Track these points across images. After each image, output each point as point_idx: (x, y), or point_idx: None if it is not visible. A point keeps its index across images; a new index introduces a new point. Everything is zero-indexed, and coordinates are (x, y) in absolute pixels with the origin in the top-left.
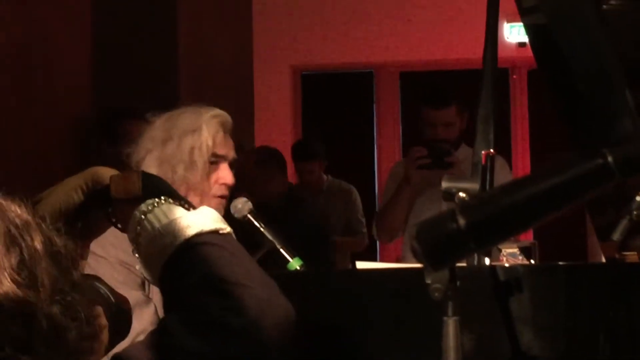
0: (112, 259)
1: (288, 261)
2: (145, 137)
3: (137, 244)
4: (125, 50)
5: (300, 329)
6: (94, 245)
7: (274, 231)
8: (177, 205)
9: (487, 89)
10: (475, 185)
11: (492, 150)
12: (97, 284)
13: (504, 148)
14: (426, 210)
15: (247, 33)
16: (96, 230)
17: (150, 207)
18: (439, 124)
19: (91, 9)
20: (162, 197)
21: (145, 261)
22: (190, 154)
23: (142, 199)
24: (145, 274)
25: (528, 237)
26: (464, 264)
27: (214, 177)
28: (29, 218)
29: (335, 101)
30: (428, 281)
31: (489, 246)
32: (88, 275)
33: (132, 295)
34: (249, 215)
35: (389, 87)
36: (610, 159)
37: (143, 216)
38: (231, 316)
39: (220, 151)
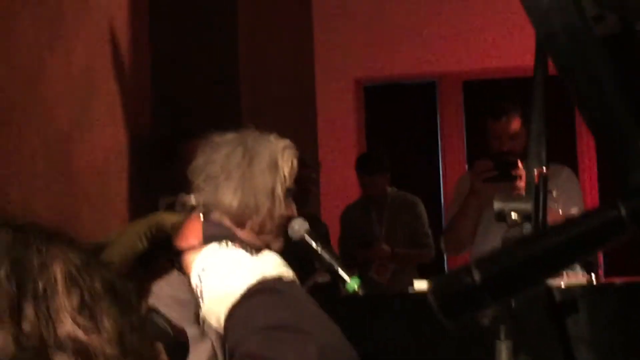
0: (165, 297)
1: (346, 281)
2: (218, 162)
3: (200, 289)
4: (185, 68)
5: None
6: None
7: (331, 251)
8: (238, 249)
9: (537, 106)
10: (527, 206)
11: (544, 169)
12: (156, 317)
13: (570, 160)
14: (493, 222)
15: (308, 46)
16: (160, 274)
17: (212, 254)
18: (504, 136)
19: (150, 28)
20: (224, 242)
21: (209, 307)
22: (273, 188)
23: (204, 245)
24: (209, 320)
25: None
26: None
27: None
28: (89, 258)
29: (398, 113)
30: None
31: (506, 299)
32: (147, 308)
33: (188, 331)
34: (306, 236)
35: (452, 97)
36: (623, 211)
37: (205, 263)
38: None
39: (292, 185)
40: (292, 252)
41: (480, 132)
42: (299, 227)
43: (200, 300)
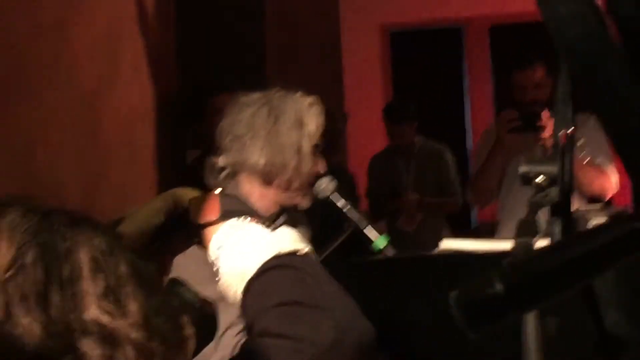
0: (193, 255)
1: (372, 240)
2: (245, 121)
3: (218, 265)
4: (210, 23)
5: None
6: None
7: (357, 210)
8: (256, 224)
9: (565, 66)
10: (554, 168)
11: (571, 130)
12: (182, 289)
13: None
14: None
15: None
16: (179, 248)
17: (229, 230)
18: (528, 86)
19: None
20: (242, 218)
21: (227, 283)
22: (299, 145)
23: (222, 220)
24: (227, 295)
25: (623, 201)
26: (547, 241)
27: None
28: (114, 243)
29: (424, 59)
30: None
31: (530, 310)
32: (172, 280)
33: (218, 289)
34: (333, 195)
35: (479, 43)
36: None
37: (223, 239)
38: (306, 344)
39: (319, 142)
40: (319, 210)
41: (507, 79)
42: (326, 185)
43: (218, 275)
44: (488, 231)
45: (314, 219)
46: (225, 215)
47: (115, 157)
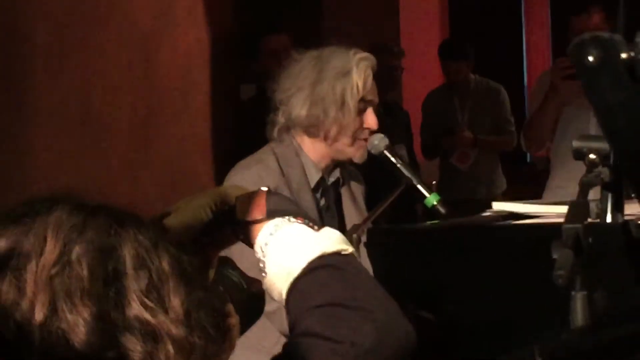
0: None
1: (425, 197)
2: (293, 76)
3: (263, 263)
4: None
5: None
6: None
7: (410, 166)
8: (300, 224)
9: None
10: (606, 145)
11: None
12: (229, 271)
13: None
14: (573, 119)
15: None
16: (224, 244)
17: (274, 229)
18: (585, 30)
19: None
20: (287, 217)
21: (272, 282)
22: (342, 96)
23: (267, 219)
24: (271, 294)
25: None
26: (596, 221)
27: (361, 120)
28: (158, 238)
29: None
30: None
31: None
32: (220, 259)
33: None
34: (385, 152)
35: None
36: None
37: (268, 238)
38: (346, 346)
39: (368, 96)
40: (373, 166)
41: (564, 18)
42: (378, 141)
43: (263, 274)
44: (542, 169)
45: (370, 174)
46: (271, 214)
47: (170, 99)
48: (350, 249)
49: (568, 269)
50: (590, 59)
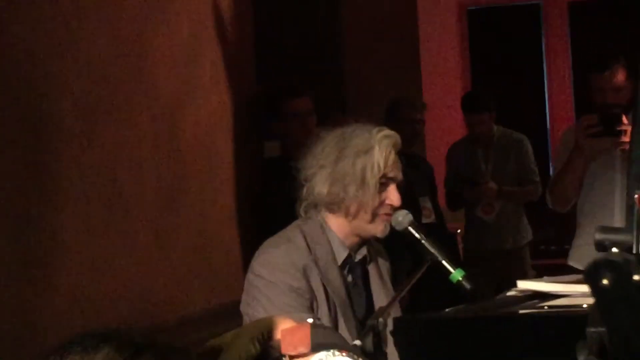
0: (281, 284)
1: (450, 272)
2: (317, 152)
3: None
4: (287, 15)
5: None
6: (263, 271)
7: (434, 242)
8: (345, 357)
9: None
10: (629, 237)
11: None
12: None
13: None
14: (599, 176)
15: None
16: None
17: None
18: (608, 89)
19: None
20: (332, 351)
21: None
22: (363, 173)
23: (312, 353)
24: None
25: None
26: None
27: (382, 197)
28: None
29: (502, 37)
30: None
31: None
32: None
33: (303, 318)
34: (409, 228)
35: (558, 20)
36: None
37: None
38: None
39: (390, 173)
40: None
41: (586, 56)
42: (402, 218)
43: None
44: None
45: (397, 249)
46: (316, 348)
47: (195, 169)
48: None
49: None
50: (605, 282)
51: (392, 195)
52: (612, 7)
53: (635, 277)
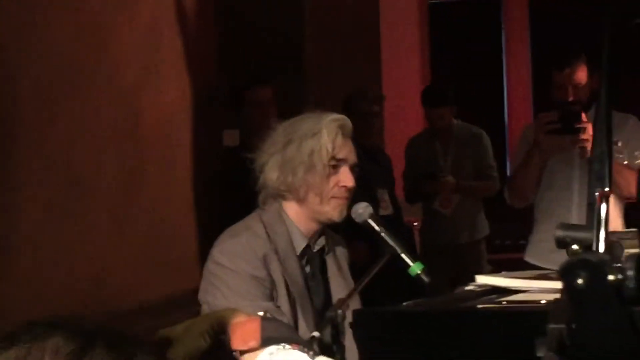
0: (242, 272)
1: (409, 266)
2: (268, 142)
3: None
4: (249, 4)
5: None
6: (224, 259)
7: (394, 235)
8: (295, 351)
9: (601, 127)
10: (589, 235)
11: (607, 190)
12: None
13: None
14: (557, 173)
15: None
16: None
17: (269, 357)
18: (568, 85)
19: None
20: (282, 345)
21: None
22: (310, 156)
23: (262, 347)
24: None
25: None
26: None
27: (334, 179)
28: None
29: (462, 32)
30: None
31: None
32: None
33: (262, 306)
34: (369, 220)
35: (518, 16)
36: None
37: None
38: None
39: (340, 155)
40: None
41: (546, 53)
42: (362, 210)
43: None
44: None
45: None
46: (267, 342)
47: (154, 154)
48: None
49: None
50: (579, 281)
51: (344, 177)
52: (574, 3)
53: (610, 277)
